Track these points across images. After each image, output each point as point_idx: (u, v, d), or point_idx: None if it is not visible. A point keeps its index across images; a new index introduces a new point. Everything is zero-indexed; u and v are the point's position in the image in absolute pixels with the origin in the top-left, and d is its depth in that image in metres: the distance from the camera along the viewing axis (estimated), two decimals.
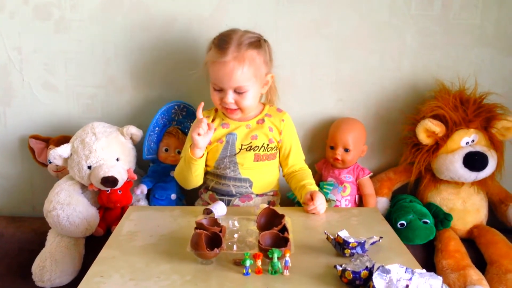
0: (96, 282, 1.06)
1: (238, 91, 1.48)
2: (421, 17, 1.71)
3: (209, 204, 1.58)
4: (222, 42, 1.47)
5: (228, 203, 1.55)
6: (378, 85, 1.77)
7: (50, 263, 1.52)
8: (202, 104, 1.46)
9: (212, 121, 1.58)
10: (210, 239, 1.13)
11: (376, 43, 1.73)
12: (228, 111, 1.53)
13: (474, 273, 1.49)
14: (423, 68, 1.75)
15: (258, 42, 1.50)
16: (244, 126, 1.57)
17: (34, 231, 1.70)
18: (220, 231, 1.15)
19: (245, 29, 1.52)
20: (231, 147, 1.55)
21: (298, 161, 1.62)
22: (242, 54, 1.45)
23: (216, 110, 1.61)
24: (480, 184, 1.68)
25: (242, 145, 1.55)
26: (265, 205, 1.35)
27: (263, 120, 1.58)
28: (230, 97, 1.49)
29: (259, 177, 1.57)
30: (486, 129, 1.65)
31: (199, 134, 1.44)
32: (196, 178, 1.55)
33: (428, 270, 1.01)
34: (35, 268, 1.54)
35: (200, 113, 1.46)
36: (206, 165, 1.58)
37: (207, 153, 1.56)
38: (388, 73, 1.76)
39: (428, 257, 1.60)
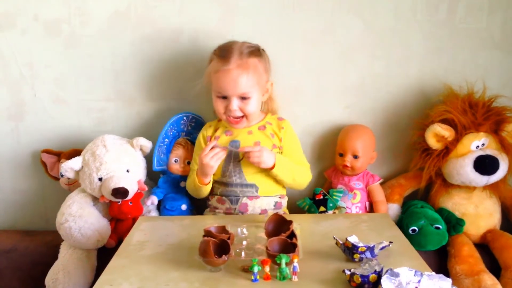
0: None
1: (242, 97, 1.52)
2: (427, 22, 1.71)
3: (216, 209, 1.60)
4: (224, 52, 1.53)
5: (236, 202, 1.56)
6: (385, 91, 1.77)
7: (63, 275, 1.53)
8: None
9: (216, 131, 1.63)
10: (218, 246, 1.14)
11: (382, 49, 1.73)
12: (232, 121, 1.57)
13: (488, 278, 1.47)
14: (430, 73, 1.74)
15: (258, 51, 1.57)
16: (246, 132, 1.59)
17: (47, 245, 1.72)
18: (228, 238, 1.16)
19: (243, 41, 1.58)
20: (234, 153, 1.56)
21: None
22: (245, 62, 1.51)
23: (219, 120, 1.64)
24: (492, 188, 1.66)
25: None
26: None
27: (264, 127, 1.61)
28: (235, 104, 1.52)
29: (265, 182, 1.57)
30: (496, 132, 1.64)
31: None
32: (206, 192, 1.61)
33: None
34: (48, 280, 1.55)
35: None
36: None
37: None
38: (395, 79, 1.76)
39: (441, 263, 1.58)
